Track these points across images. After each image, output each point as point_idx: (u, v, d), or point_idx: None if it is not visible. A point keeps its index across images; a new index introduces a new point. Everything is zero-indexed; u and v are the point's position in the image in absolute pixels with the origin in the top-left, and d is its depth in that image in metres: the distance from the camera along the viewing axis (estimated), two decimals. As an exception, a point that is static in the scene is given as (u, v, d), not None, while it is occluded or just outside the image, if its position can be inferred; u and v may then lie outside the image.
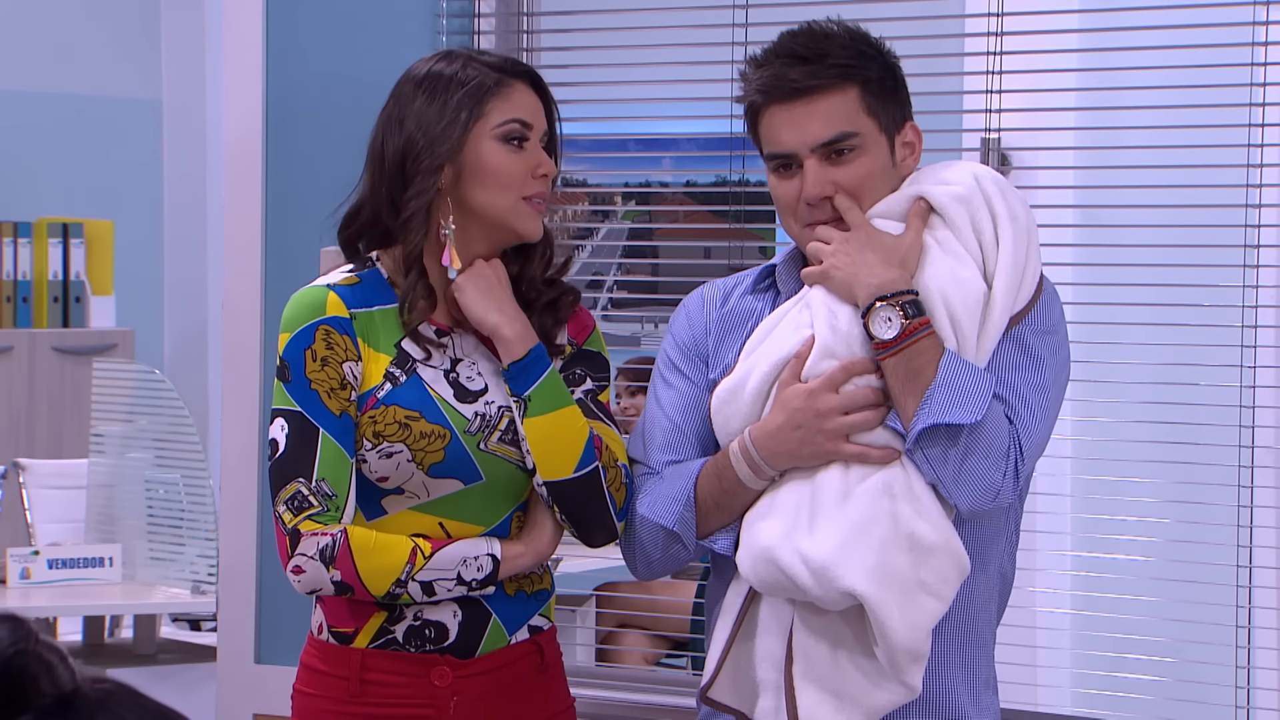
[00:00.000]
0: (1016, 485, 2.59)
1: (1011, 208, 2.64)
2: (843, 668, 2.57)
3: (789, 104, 2.65)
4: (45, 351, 6.97)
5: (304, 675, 2.82)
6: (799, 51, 2.66)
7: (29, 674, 1.49)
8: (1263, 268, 3.40)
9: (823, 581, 2.52)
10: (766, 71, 2.67)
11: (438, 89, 2.73)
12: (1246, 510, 3.41)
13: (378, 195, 2.75)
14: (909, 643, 2.53)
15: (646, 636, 5.14)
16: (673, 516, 2.69)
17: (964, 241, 2.62)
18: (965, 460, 2.53)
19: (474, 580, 2.71)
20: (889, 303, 2.55)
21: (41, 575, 5.41)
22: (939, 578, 2.54)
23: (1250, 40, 3.37)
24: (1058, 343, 2.67)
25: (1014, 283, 2.61)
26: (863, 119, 2.66)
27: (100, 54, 7.67)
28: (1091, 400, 3.64)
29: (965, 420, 2.51)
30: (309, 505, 2.66)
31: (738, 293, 2.80)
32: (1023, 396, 2.61)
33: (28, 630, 1.52)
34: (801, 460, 2.61)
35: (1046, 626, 3.66)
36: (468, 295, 2.73)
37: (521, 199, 2.74)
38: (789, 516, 2.58)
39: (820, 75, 2.64)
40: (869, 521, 2.54)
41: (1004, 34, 3.53)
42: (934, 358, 2.54)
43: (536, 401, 2.71)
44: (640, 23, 3.83)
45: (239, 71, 4.06)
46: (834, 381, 2.59)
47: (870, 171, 2.66)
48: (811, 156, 2.65)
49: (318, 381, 2.70)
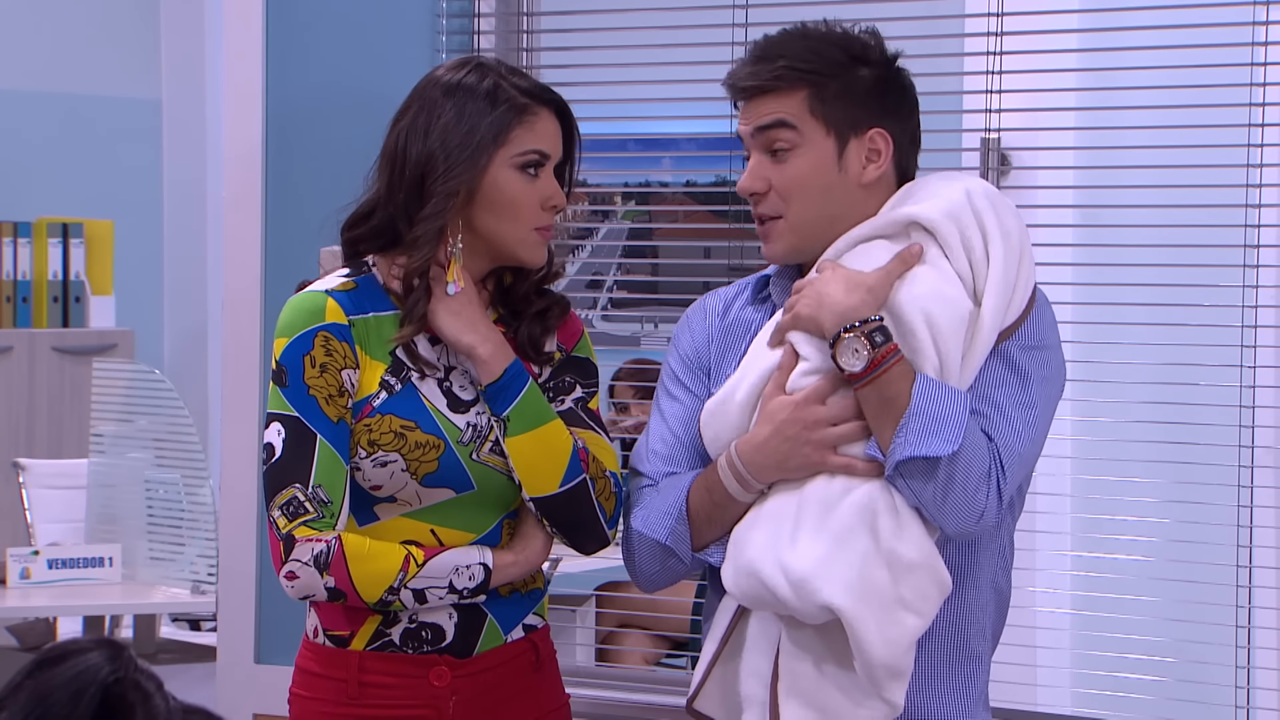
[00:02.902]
0: (1000, 505, 2.55)
1: (1003, 223, 2.61)
2: (826, 685, 2.56)
3: (746, 100, 2.68)
4: (45, 351, 6.97)
5: (300, 679, 2.82)
6: (760, 51, 2.68)
7: (127, 702, 1.49)
8: (1263, 268, 3.40)
9: (801, 594, 2.51)
10: (736, 69, 2.70)
11: (467, 108, 2.70)
12: (1246, 510, 3.41)
13: (394, 201, 2.74)
14: (887, 659, 2.50)
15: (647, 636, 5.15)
16: (665, 530, 2.68)
17: (954, 258, 2.59)
18: (948, 488, 2.50)
19: (465, 589, 2.71)
20: (855, 333, 2.51)
21: (41, 575, 5.41)
22: (919, 595, 2.52)
23: (1250, 40, 3.37)
24: (1046, 357, 2.63)
25: (1003, 301, 2.57)
26: (805, 119, 2.64)
27: (100, 54, 7.67)
28: (1091, 400, 3.64)
29: (942, 452, 2.48)
30: (304, 511, 2.66)
31: (738, 304, 2.80)
32: (1004, 412, 2.57)
33: (127, 657, 1.51)
34: (788, 472, 2.59)
35: (1046, 626, 3.66)
36: (440, 317, 2.71)
37: (532, 230, 2.74)
38: (772, 529, 2.57)
39: (763, 75, 2.65)
40: (850, 536, 2.52)
41: (1004, 34, 3.53)
42: (905, 386, 2.51)
43: (516, 421, 2.70)
44: (640, 23, 3.83)
45: (239, 71, 4.06)
46: (820, 393, 2.57)
47: (805, 175, 2.64)
48: (755, 147, 2.66)
49: (316, 388, 2.69)
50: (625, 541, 2.76)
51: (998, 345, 2.58)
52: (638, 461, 2.79)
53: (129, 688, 1.49)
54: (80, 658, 1.50)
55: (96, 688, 1.48)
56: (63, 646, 1.51)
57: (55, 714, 1.47)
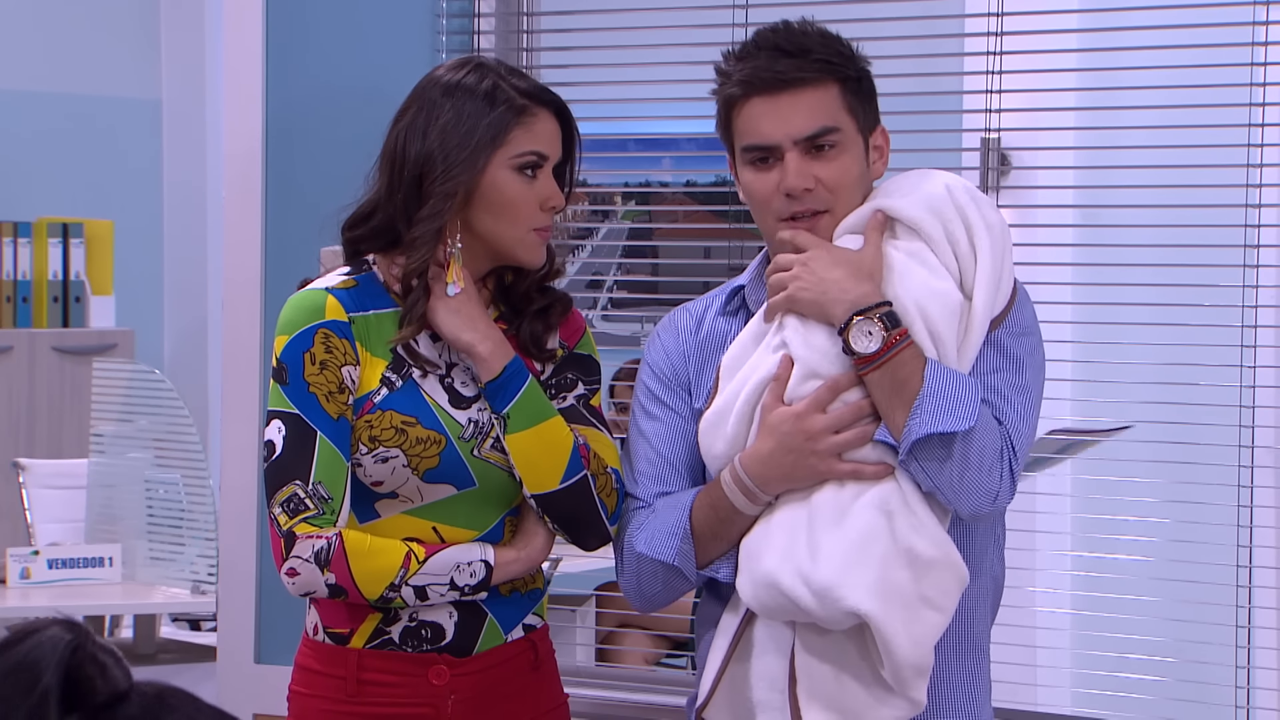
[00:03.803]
0: (1013, 486, 2.57)
1: (986, 217, 2.62)
2: (847, 686, 2.56)
3: (773, 96, 2.64)
4: (45, 351, 6.97)
5: (300, 676, 2.82)
6: (782, 45, 2.65)
7: (86, 674, 1.53)
8: (1263, 268, 3.40)
9: (826, 603, 2.51)
10: (748, 64, 2.65)
11: (465, 108, 2.70)
12: (1246, 510, 3.41)
13: (393, 201, 2.74)
14: (914, 658, 2.52)
15: (647, 636, 5.15)
16: (671, 551, 2.67)
17: (939, 252, 2.60)
18: (963, 466, 2.52)
19: (467, 586, 2.71)
20: (866, 316, 2.53)
21: (41, 575, 5.41)
22: (940, 590, 2.54)
23: (1250, 40, 3.37)
24: (1034, 344, 2.66)
25: (993, 292, 2.59)
26: (843, 116, 2.65)
27: (100, 54, 7.67)
28: (1091, 400, 3.64)
29: (959, 427, 2.50)
30: (305, 508, 2.66)
31: (710, 316, 2.79)
32: (1006, 398, 2.60)
33: (83, 631, 1.56)
34: (796, 483, 2.59)
35: (1046, 626, 3.66)
36: (439, 315, 2.72)
37: (530, 230, 2.74)
38: (787, 540, 2.57)
39: (806, 69, 2.63)
40: (867, 539, 2.53)
41: (1004, 34, 3.53)
42: (918, 367, 2.53)
43: (515, 418, 2.70)
44: (640, 23, 3.83)
45: (239, 71, 4.06)
46: (820, 402, 2.57)
47: (849, 170, 2.65)
48: (794, 149, 2.63)
49: (316, 385, 2.69)
50: (622, 564, 2.75)
51: (989, 334, 2.60)
52: (624, 485, 2.78)
53: (86, 661, 1.54)
54: (37, 635, 1.54)
55: (57, 663, 1.51)
56: (20, 628, 1.56)
57: (19, 690, 1.50)
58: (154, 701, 1.55)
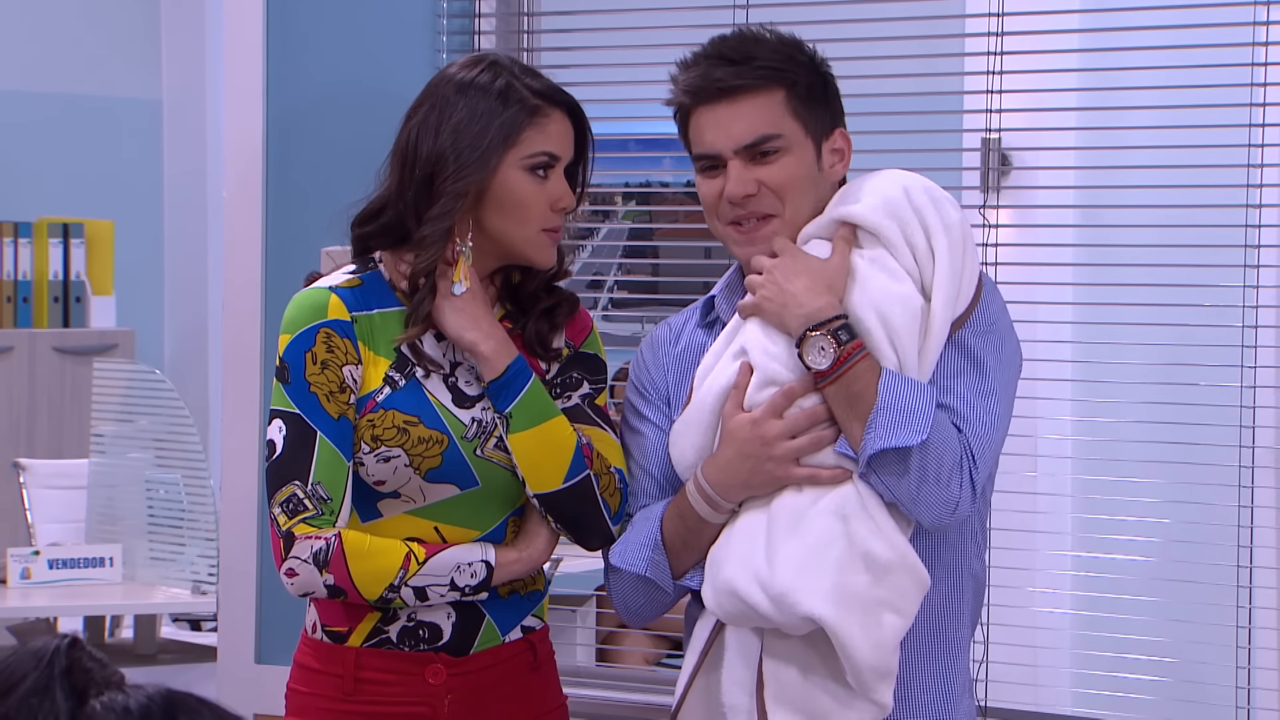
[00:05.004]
0: (974, 496, 2.56)
1: (944, 217, 2.61)
2: (813, 690, 2.56)
3: (714, 105, 2.65)
4: (45, 351, 6.97)
5: (298, 674, 2.82)
6: (726, 54, 2.66)
7: (83, 667, 1.53)
8: (1263, 268, 3.40)
9: (782, 608, 2.51)
10: (693, 73, 2.67)
11: (478, 107, 2.69)
12: (1246, 510, 3.41)
13: (403, 199, 2.73)
14: (874, 661, 2.51)
15: (647, 637, 5.14)
16: (643, 562, 2.69)
17: (899, 256, 2.59)
18: (920, 479, 2.51)
19: (467, 586, 2.71)
20: (820, 331, 2.54)
21: (42, 575, 5.41)
22: (899, 594, 2.53)
23: (1250, 40, 3.37)
24: (1000, 340, 2.63)
25: (952, 294, 2.58)
26: (787, 121, 2.64)
27: (100, 54, 7.67)
28: (1091, 400, 3.64)
29: (912, 442, 2.49)
30: (304, 508, 2.66)
31: (688, 328, 2.80)
32: (969, 403, 2.58)
33: (74, 638, 1.56)
34: (754, 489, 2.60)
35: (1046, 626, 3.66)
36: (444, 314, 2.71)
37: (540, 231, 2.73)
38: (746, 547, 2.57)
39: (745, 76, 2.63)
40: (823, 544, 2.53)
41: (1004, 34, 3.53)
42: (872, 380, 2.52)
43: (519, 418, 2.70)
44: (640, 23, 3.83)
45: (239, 71, 4.06)
46: (776, 408, 2.58)
47: (794, 173, 2.65)
48: (734, 157, 2.64)
49: (317, 384, 2.69)
50: (607, 578, 2.77)
51: (952, 335, 2.59)
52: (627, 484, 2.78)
53: (84, 653, 1.54)
54: (25, 646, 1.55)
55: (58, 653, 1.52)
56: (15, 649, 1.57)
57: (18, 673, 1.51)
58: (170, 698, 1.55)
